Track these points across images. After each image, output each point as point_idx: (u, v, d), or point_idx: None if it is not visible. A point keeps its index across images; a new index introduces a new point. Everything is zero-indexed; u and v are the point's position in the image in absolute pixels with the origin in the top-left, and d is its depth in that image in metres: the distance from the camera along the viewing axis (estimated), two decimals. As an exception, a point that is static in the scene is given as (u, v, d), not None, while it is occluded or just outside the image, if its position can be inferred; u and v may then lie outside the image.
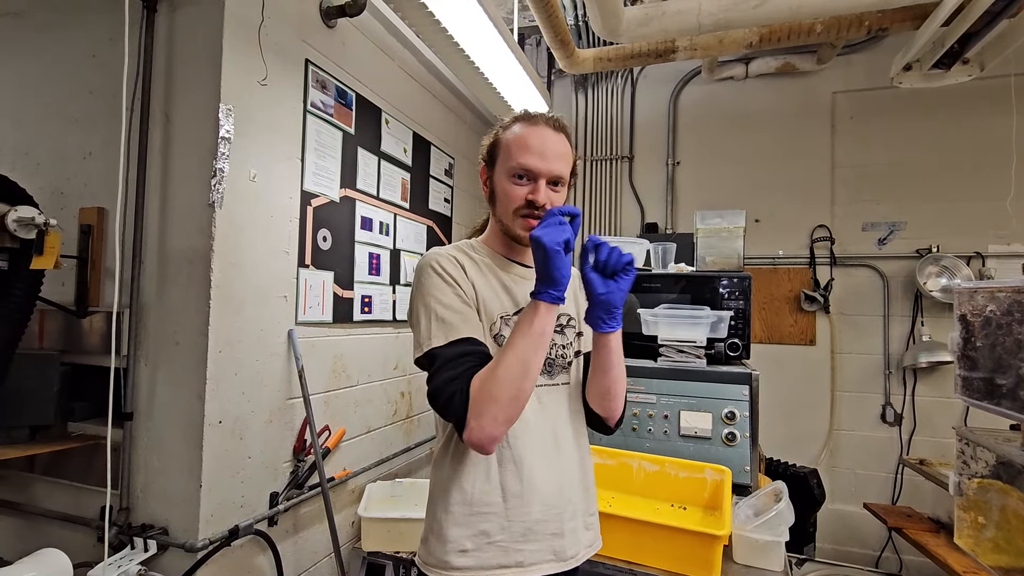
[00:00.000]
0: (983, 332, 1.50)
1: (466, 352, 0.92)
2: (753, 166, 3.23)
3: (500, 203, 1.05)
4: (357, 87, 2.13)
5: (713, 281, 2.08)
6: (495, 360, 0.89)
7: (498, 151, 1.06)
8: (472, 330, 0.95)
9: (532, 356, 0.88)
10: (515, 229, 1.03)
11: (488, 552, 0.97)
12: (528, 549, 1.00)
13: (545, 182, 1.00)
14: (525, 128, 1.03)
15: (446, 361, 0.91)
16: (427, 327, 0.95)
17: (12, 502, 1.67)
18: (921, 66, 2.41)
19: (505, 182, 1.03)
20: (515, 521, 0.99)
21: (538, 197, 0.99)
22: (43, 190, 1.64)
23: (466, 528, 0.98)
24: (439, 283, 0.98)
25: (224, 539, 1.51)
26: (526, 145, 1.01)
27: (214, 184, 1.50)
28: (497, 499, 0.98)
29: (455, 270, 1.00)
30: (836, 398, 3.04)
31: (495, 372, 0.87)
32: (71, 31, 1.71)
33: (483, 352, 0.94)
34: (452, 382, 0.89)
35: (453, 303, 0.96)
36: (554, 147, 1.01)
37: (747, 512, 1.56)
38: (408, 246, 2.51)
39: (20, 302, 1.42)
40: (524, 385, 0.88)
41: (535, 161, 1.00)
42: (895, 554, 2.86)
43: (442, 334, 0.93)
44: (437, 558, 0.99)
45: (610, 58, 2.77)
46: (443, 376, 0.90)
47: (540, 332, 0.89)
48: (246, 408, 1.62)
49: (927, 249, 2.88)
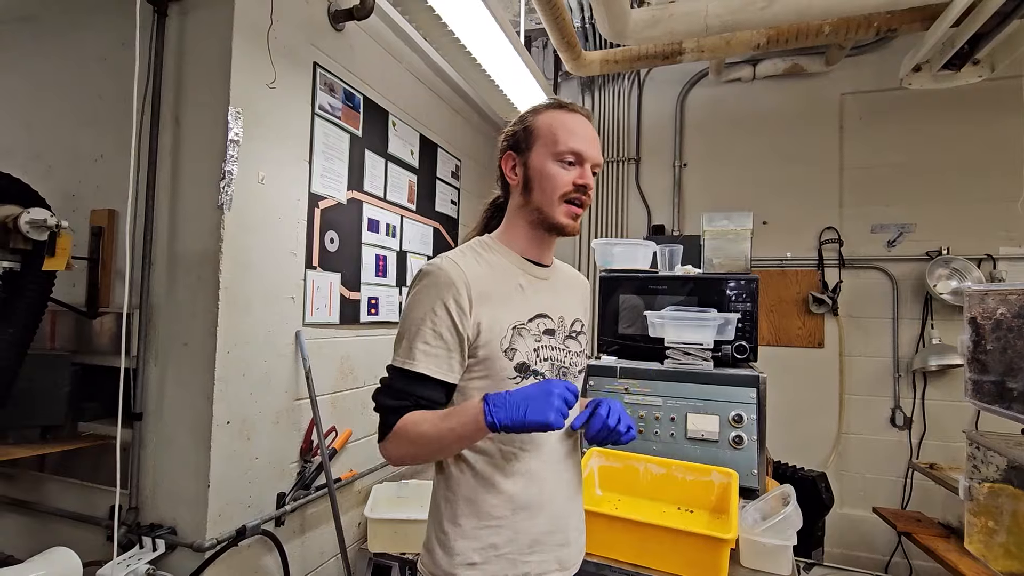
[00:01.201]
0: (994, 335, 1.48)
1: (408, 391, 0.94)
2: (761, 168, 3.21)
3: (542, 188, 1.00)
4: (364, 90, 2.14)
5: (720, 283, 2.07)
6: (426, 425, 0.91)
7: (533, 137, 1.02)
8: (431, 365, 0.94)
9: (450, 448, 0.96)
10: (557, 215, 1.00)
11: (496, 564, 0.97)
12: (535, 560, 0.99)
13: (590, 167, 1.02)
14: (565, 114, 1.02)
15: (392, 389, 0.95)
16: (397, 341, 0.97)
17: (23, 501, 1.69)
18: (931, 67, 2.39)
19: (552, 166, 0.99)
20: (522, 533, 0.98)
21: (590, 180, 1.00)
22: (55, 192, 1.66)
23: (474, 541, 0.97)
24: (424, 306, 0.94)
25: (231, 539, 1.51)
26: (573, 130, 1.00)
27: (223, 186, 1.51)
28: (506, 512, 0.97)
29: (451, 293, 0.94)
30: (845, 401, 3.02)
31: (419, 437, 0.91)
32: (83, 35, 1.73)
33: (423, 397, 0.95)
34: (388, 411, 0.95)
35: (426, 333, 0.94)
36: (593, 135, 1.03)
37: (754, 516, 1.55)
38: (414, 248, 2.52)
39: (32, 303, 1.44)
40: (436, 456, 1.00)
41: (585, 146, 1.00)
42: (905, 559, 2.83)
43: (401, 358, 0.95)
44: (444, 570, 0.97)
45: (617, 60, 2.76)
46: (385, 400, 0.95)
47: (466, 437, 0.91)
48: (254, 409, 1.63)
49: (937, 251, 2.85)
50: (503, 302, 0.99)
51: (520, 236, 1.06)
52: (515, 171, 1.04)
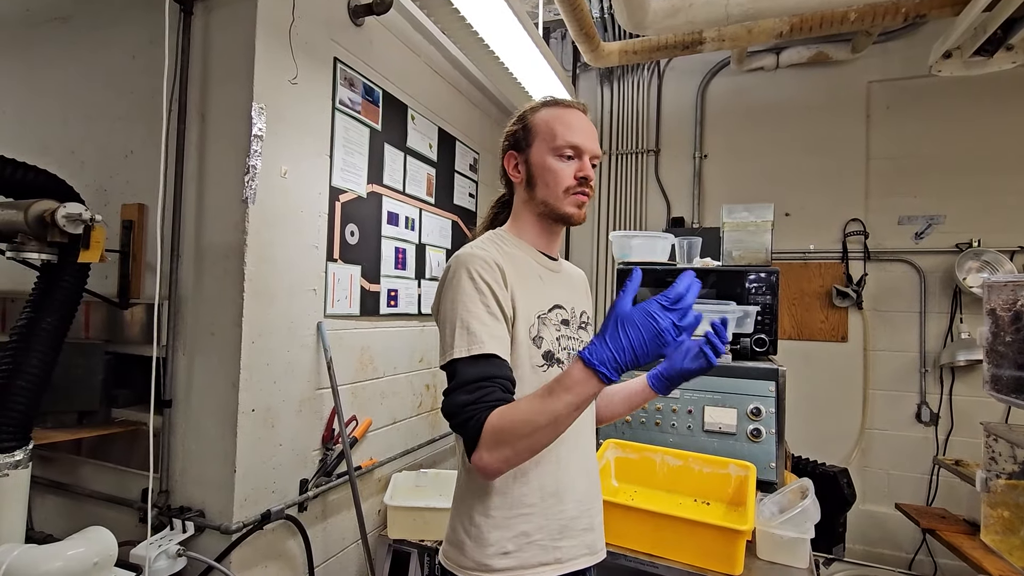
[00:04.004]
0: (1013, 327, 1.44)
1: (486, 375, 0.88)
2: (784, 159, 3.15)
3: (546, 184, 1.03)
4: (384, 84, 2.17)
5: (740, 276, 2.05)
6: (526, 412, 0.83)
7: (532, 134, 1.05)
8: (498, 346, 0.90)
9: (568, 420, 0.84)
10: (565, 207, 1.03)
11: (529, 551, 0.98)
12: (565, 545, 1.01)
13: (589, 159, 1.03)
14: (560, 110, 1.05)
15: (465, 381, 0.87)
16: (451, 335, 0.91)
17: (61, 483, 1.77)
18: (962, 53, 2.32)
19: (552, 161, 1.02)
20: (552, 519, 1.00)
21: (590, 172, 1.02)
22: (88, 187, 1.72)
23: (507, 531, 0.97)
24: (471, 290, 0.93)
25: (257, 522, 1.56)
26: (569, 124, 1.02)
27: (247, 180, 1.55)
28: (536, 499, 0.99)
29: (492, 276, 0.94)
30: (868, 396, 2.97)
31: (522, 426, 0.82)
32: (113, 34, 1.79)
33: (505, 378, 0.89)
34: (468, 407, 0.85)
35: (481, 314, 0.91)
36: (590, 128, 1.06)
37: (772, 509, 1.54)
38: (433, 241, 2.55)
39: (69, 294, 1.50)
40: (550, 443, 0.87)
41: (582, 139, 1.02)
42: (929, 557, 2.78)
43: (465, 345, 0.89)
44: (476, 561, 0.97)
45: (636, 51, 2.74)
46: (460, 398, 0.87)
47: (579, 405, 0.82)
48: (277, 397, 1.67)
49: (967, 243, 2.77)
50: (528, 290, 1.01)
51: (529, 229, 1.09)
52: (518, 169, 1.08)
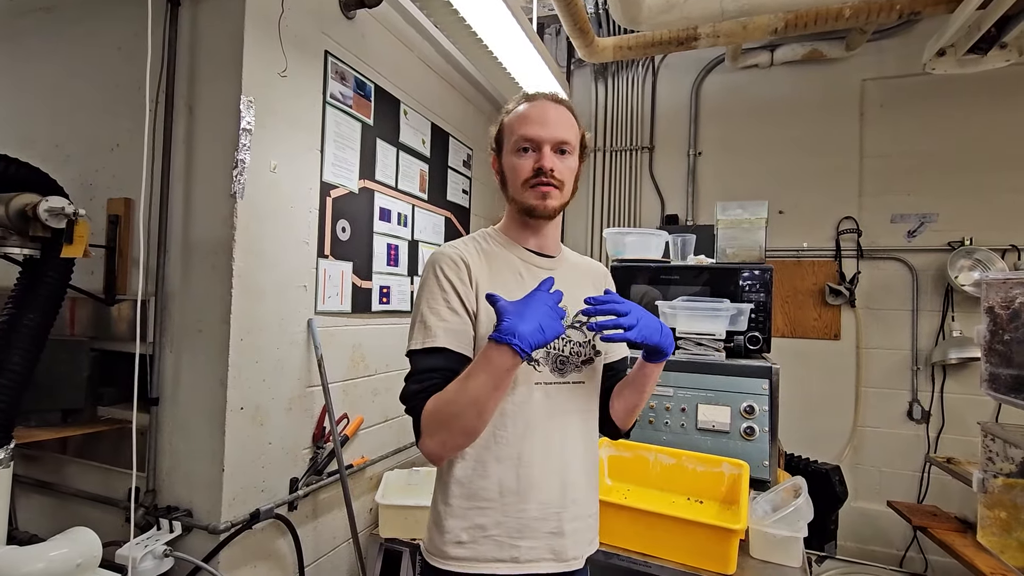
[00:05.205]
0: (1012, 325, 1.44)
1: (434, 367, 0.94)
2: (778, 156, 3.15)
3: (510, 181, 1.06)
4: (376, 78, 2.14)
5: (734, 273, 2.04)
6: (452, 393, 0.89)
7: (503, 135, 1.08)
8: (451, 340, 0.96)
9: (488, 401, 0.88)
10: (528, 200, 1.04)
11: (484, 545, 0.99)
12: (524, 545, 1.00)
13: (550, 148, 1.02)
14: (524, 105, 1.07)
15: (416, 371, 0.96)
16: (412, 328, 0.99)
17: (46, 482, 1.74)
18: (956, 51, 2.31)
19: (511, 158, 1.05)
20: (511, 517, 0.99)
21: (544, 162, 1.01)
22: (73, 181, 1.69)
23: (463, 520, 0.99)
24: (433, 287, 1.00)
25: (246, 522, 1.54)
26: (526, 117, 1.04)
27: (236, 175, 1.53)
28: (495, 495, 0.99)
29: (455, 272, 1.00)
30: (861, 394, 2.98)
31: (448, 406, 0.89)
32: (99, 25, 1.75)
33: (449, 370, 0.93)
34: (414, 396, 0.93)
35: (441, 310, 0.98)
36: (555, 116, 1.04)
37: (765, 507, 1.54)
38: (426, 237, 2.52)
39: (52, 289, 1.46)
40: (477, 424, 0.90)
41: (535, 129, 1.02)
42: (920, 554, 2.80)
43: (420, 338, 0.96)
44: (436, 547, 1.02)
45: (630, 46, 2.72)
46: (410, 388, 0.95)
47: (500, 380, 0.87)
48: (267, 395, 1.65)
49: (959, 242, 2.78)
50: (498, 286, 1.01)
51: (513, 227, 1.12)
52: (499, 172, 1.11)
